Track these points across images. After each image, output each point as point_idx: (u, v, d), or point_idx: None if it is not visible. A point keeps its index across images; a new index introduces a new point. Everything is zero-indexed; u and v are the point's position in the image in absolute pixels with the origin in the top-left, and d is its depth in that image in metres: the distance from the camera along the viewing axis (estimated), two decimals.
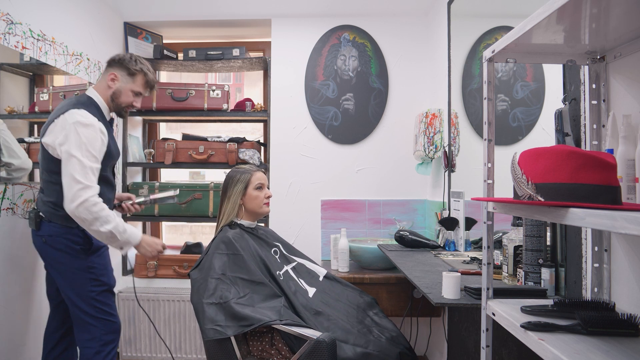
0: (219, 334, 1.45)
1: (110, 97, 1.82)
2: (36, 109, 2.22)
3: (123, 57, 1.83)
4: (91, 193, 1.62)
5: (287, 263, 1.84)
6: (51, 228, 1.73)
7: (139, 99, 1.89)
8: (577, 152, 0.87)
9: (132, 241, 1.74)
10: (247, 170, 1.85)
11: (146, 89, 1.89)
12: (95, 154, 1.67)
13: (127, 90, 1.83)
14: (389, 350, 1.57)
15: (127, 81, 1.83)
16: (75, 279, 1.74)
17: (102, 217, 1.63)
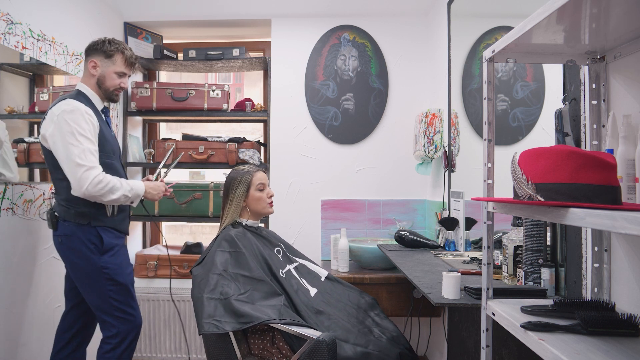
0: (216, 329, 1.45)
1: (97, 85, 1.84)
2: (36, 109, 2.22)
3: (96, 42, 1.84)
4: (95, 173, 1.66)
5: (289, 262, 1.84)
6: (66, 227, 1.77)
7: (125, 79, 1.89)
8: (577, 152, 0.87)
9: (140, 193, 1.83)
10: (248, 171, 1.84)
11: (128, 66, 1.88)
12: (88, 136, 1.70)
13: (110, 73, 1.84)
14: (389, 350, 1.57)
15: (107, 64, 1.83)
16: (91, 279, 1.78)
17: (110, 188, 1.69)
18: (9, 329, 1.86)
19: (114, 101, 1.92)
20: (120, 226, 1.89)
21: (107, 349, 1.81)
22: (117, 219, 1.87)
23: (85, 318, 1.94)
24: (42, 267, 2.06)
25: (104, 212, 1.81)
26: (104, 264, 1.78)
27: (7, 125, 2.01)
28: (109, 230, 1.83)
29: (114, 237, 1.84)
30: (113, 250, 1.82)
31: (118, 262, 1.83)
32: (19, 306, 1.92)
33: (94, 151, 1.71)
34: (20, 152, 2.06)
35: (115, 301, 1.81)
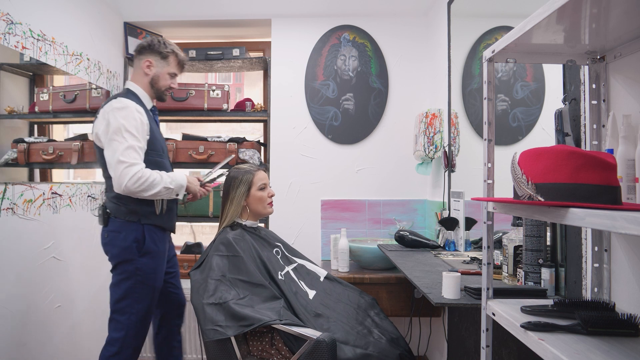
0: (219, 334, 1.45)
1: (150, 84, 1.88)
2: (36, 109, 2.22)
3: (152, 42, 1.88)
4: (135, 170, 1.68)
5: (288, 264, 1.83)
6: (115, 224, 1.81)
7: (175, 80, 1.95)
8: (577, 152, 0.87)
9: (182, 183, 1.83)
10: (249, 171, 1.83)
11: (179, 68, 1.94)
12: (135, 133, 1.72)
13: (164, 74, 1.89)
14: (389, 352, 1.57)
15: (162, 65, 1.88)
16: (124, 275, 1.82)
17: (150, 183, 1.71)
18: (9, 329, 1.86)
19: (163, 100, 1.96)
20: (167, 224, 1.91)
21: (112, 352, 1.79)
22: (165, 217, 1.88)
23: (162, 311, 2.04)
24: (42, 267, 2.06)
25: (153, 211, 1.83)
26: (140, 265, 1.80)
27: (7, 125, 2.01)
28: (156, 229, 1.85)
29: (158, 238, 1.86)
30: (152, 253, 1.84)
31: (153, 266, 1.84)
32: (19, 306, 1.91)
33: (138, 148, 1.72)
34: (20, 152, 2.06)
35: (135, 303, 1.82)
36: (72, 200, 2.30)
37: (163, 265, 1.91)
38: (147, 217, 1.82)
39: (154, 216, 1.84)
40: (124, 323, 1.81)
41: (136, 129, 1.73)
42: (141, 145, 1.74)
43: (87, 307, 2.44)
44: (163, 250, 1.89)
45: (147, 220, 1.82)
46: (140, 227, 1.81)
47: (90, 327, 2.48)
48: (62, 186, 2.22)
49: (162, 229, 1.89)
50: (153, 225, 1.84)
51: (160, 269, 1.88)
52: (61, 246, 2.20)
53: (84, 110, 2.49)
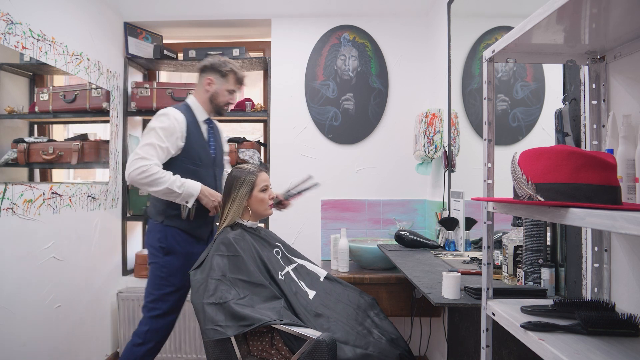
0: (219, 334, 1.45)
1: (209, 100, 2.03)
2: (36, 109, 2.22)
3: (213, 62, 2.03)
4: (143, 163, 1.79)
5: (288, 264, 1.83)
6: (149, 224, 1.98)
7: (234, 96, 2.08)
8: (577, 152, 0.87)
9: (193, 192, 1.87)
10: (252, 171, 1.83)
11: (238, 85, 2.07)
12: (161, 134, 1.84)
13: (223, 91, 2.03)
14: (389, 352, 1.57)
15: (222, 82, 2.02)
16: (152, 272, 1.94)
17: (154, 179, 1.79)
18: (9, 329, 1.86)
19: (221, 114, 2.09)
20: (195, 232, 1.98)
21: (136, 343, 1.91)
22: (194, 224, 1.95)
23: None
24: (42, 267, 2.06)
25: (178, 214, 1.92)
26: (164, 264, 1.92)
27: (7, 125, 2.01)
28: (180, 232, 1.94)
29: (182, 240, 1.94)
30: (176, 254, 1.93)
31: (178, 265, 1.93)
32: (19, 306, 1.91)
33: (158, 147, 1.83)
34: (20, 152, 2.06)
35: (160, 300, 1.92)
36: (72, 200, 2.30)
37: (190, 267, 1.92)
38: (170, 220, 1.93)
39: (177, 220, 1.92)
40: (148, 318, 1.92)
41: (165, 131, 1.85)
42: (164, 146, 1.85)
43: (87, 307, 2.44)
44: (191, 252, 1.95)
45: (171, 223, 1.93)
46: (163, 228, 1.93)
47: (90, 327, 2.48)
48: (62, 186, 2.22)
49: (189, 235, 1.96)
50: (177, 229, 1.93)
51: (185, 270, 1.91)
52: (61, 246, 2.20)
53: (84, 110, 2.50)
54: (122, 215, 2.81)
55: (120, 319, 2.69)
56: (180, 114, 1.92)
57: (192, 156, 1.95)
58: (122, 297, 2.68)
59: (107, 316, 2.68)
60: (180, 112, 1.93)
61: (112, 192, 2.70)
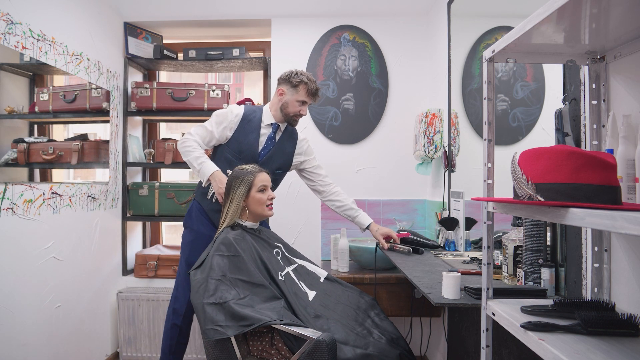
0: (219, 334, 1.45)
1: (280, 109, 2.11)
2: (36, 109, 2.22)
3: (287, 73, 2.11)
4: (187, 137, 2.03)
5: (288, 264, 1.83)
6: None
7: (305, 107, 2.12)
8: (577, 152, 0.87)
9: (206, 173, 1.98)
10: (251, 172, 1.83)
11: (309, 96, 2.11)
12: (214, 121, 2.04)
13: (293, 101, 2.09)
14: (389, 352, 1.57)
15: (292, 93, 2.09)
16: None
17: (185, 151, 2.01)
18: (9, 329, 1.86)
19: (292, 125, 2.16)
20: (212, 215, 2.08)
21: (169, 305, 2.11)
22: (213, 206, 2.07)
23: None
24: (42, 267, 2.06)
25: (206, 193, 2.07)
26: (184, 235, 2.12)
27: (7, 125, 2.01)
28: (202, 211, 2.08)
29: (197, 220, 2.07)
30: (190, 229, 2.09)
31: (189, 239, 2.08)
32: (19, 306, 1.91)
33: (205, 129, 2.03)
34: (20, 152, 2.06)
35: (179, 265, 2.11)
36: (72, 200, 2.30)
37: (199, 246, 2.01)
38: (200, 196, 2.10)
39: (203, 198, 2.08)
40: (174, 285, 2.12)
41: (216, 118, 2.05)
42: (210, 129, 2.03)
43: (87, 307, 2.44)
44: (203, 232, 2.06)
45: (199, 198, 2.10)
46: (193, 202, 2.12)
47: (91, 327, 2.48)
48: (62, 186, 2.22)
49: (207, 218, 2.08)
50: (200, 205, 2.09)
51: (195, 247, 2.04)
52: (61, 246, 2.20)
53: (84, 110, 2.49)
54: (122, 215, 2.81)
55: (120, 319, 2.69)
56: (241, 109, 2.09)
57: (233, 148, 2.07)
58: (122, 297, 2.68)
59: (107, 316, 2.68)
60: (242, 108, 2.10)
61: (112, 192, 2.70)
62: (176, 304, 2.08)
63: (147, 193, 2.79)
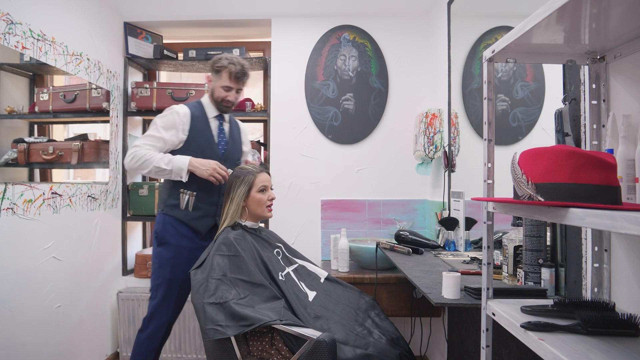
0: (219, 334, 1.45)
1: (210, 96, 2.08)
2: (36, 109, 2.22)
3: (213, 59, 2.06)
4: (134, 150, 1.90)
5: (289, 264, 1.83)
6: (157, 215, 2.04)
7: (232, 92, 2.05)
8: (577, 152, 0.87)
9: (182, 166, 1.90)
10: (251, 172, 1.83)
11: (233, 81, 2.03)
12: (160, 126, 1.94)
13: (218, 87, 2.04)
14: (389, 351, 1.57)
15: (216, 79, 2.05)
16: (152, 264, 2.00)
17: (144, 161, 1.88)
18: (9, 329, 1.86)
19: (223, 111, 2.09)
20: (193, 223, 1.99)
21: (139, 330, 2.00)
22: (192, 214, 1.98)
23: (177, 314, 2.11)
24: (42, 267, 2.06)
25: (177, 204, 1.98)
26: (157, 253, 1.97)
27: (7, 125, 2.01)
28: (178, 223, 1.97)
29: (177, 232, 1.96)
30: (167, 245, 1.96)
31: (169, 257, 1.95)
32: (19, 306, 1.91)
33: (153, 137, 1.92)
34: (20, 152, 2.06)
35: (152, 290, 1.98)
36: (72, 200, 2.30)
37: (180, 261, 1.96)
38: (169, 209, 1.98)
39: (176, 209, 1.97)
40: (148, 306, 1.99)
41: (164, 125, 1.94)
42: (158, 136, 1.92)
43: (87, 307, 2.44)
44: (183, 245, 1.97)
45: (169, 212, 1.98)
46: (162, 217, 1.99)
47: (91, 327, 2.48)
48: (62, 186, 2.22)
49: (188, 227, 1.98)
50: (174, 218, 1.97)
51: (177, 263, 1.95)
52: (61, 246, 2.20)
53: (84, 110, 2.49)
54: (122, 215, 2.81)
55: (120, 319, 2.69)
56: (186, 108, 2.00)
57: (194, 149, 1.99)
58: (122, 297, 2.68)
59: (107, 316, 2.68)
60: (186, 107, 2.00)
61: (112, 192, 2.70)
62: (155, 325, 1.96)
63: (147, 193, 2.79)
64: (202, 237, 2.04)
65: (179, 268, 1.96)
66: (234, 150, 2.15)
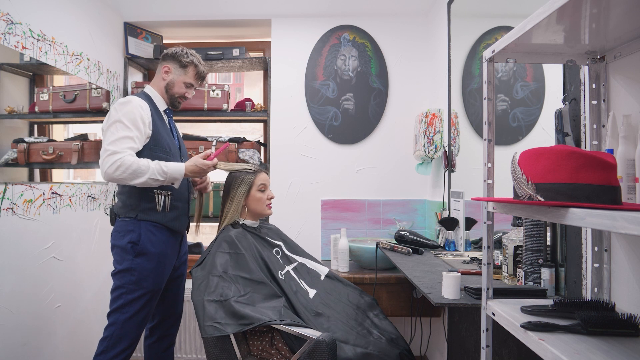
0: (217, 331, 1.45)
1: (165, 89, 1.90)
2: (36, 109, 2.22)
3: (175, 50, 1.90)
4: (116, 157, 1.64)
5: (288, 263, 1.84)
6: (118, 223, 1.80)
7: (191, 90, 1.94)
8: (577, 152, 0.87)
9: (178, 176, 1.74)
10: (251, 171, 1.84)
11: (197, 80, 1.94)
12: (129, 125, 1.70)
13: (180, 82, 1.90)
14: (389, 351, 1.57)
15: (180, 73, 1.90)
16: (118, 277, 1.77)
17: (133, 171, 1.64)
18: (9, 329, 1.86)
19: (175, 107, 1.96)
20: (173, 224, 1.84)
21: (99, 351, 1.75)
22: (170, 215, 1.83)
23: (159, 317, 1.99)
24: (42, 267, 2.06)
25: (154, 207, 1.78)
26: (134, 266, 1.74)
27: (7, 125, 2.01)
28: (157, 228, 1.79)
29: (157, 239, 1.79)
30: (148, 255, 1.76)
31: (149, 268, 1.76)
32: (19, 306, 1.91)
33: (129, 138, 1.69)
34: (20, 152, 2.06)
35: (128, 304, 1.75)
36: (72, 200, 2.30)
37: (163, 269, 1.82)
38: (145, 213, 1.77)
39: (153, 212, 1.78)
40: (112, 322, 1.75)
41: (132, 121, 1.71)
42: (132, 135, 1.70)
43: (87, 307, 2.44)
44: (164, 252, 1.81)
45: (145, 217, 1.77)
46: (137, 224, 1.76)
47: (90, 327, 2.48)
48: (62, 186, 2.22)
49: (167, 228, 1.83)
50: (153, 223, 1.78)
51: (158, 272, 1.79)
52: (61, 246, 2.20)
53: (84, 110, 2.49)
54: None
55: None
56: (138, 99, 1.78)
57: (162, 144, 1.82)
58: None
59: None
60: (140, 99, 1.79)
61: (112, 192, 2.70)
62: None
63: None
64: (179, 239, 1.92)
65: (161, 278, 1.82)
66: (184, 146, 2.03)
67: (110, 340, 1.74)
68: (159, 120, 1.85)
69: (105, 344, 1.74)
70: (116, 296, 1.77)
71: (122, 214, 1.79)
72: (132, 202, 1.78)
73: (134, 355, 2.69)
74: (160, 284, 1.83)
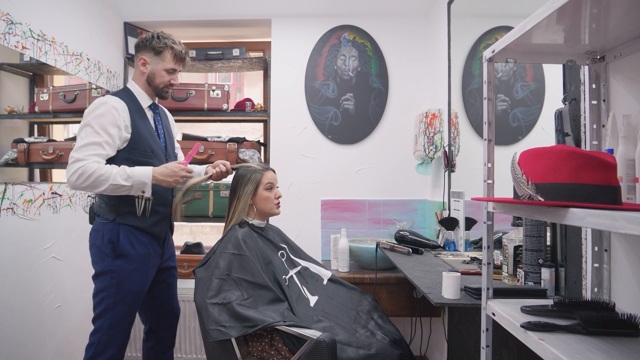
0: (222, 335, 1.45)
1: (147, 82, 1.79)
2: (36, 109, 2.22)
3: (145, 38, 1.77)
4: (78, 165, 1.57)
5: (292, 267, 1.82)
6: (97, 223, 1.73)
7: (175, 75, 1.82)
8: (577, 152, 0.87)
9: (146, 180, 1.64)
10: (258, 170, 1.81)
11: (178, 62, 1.81)
12: (99, 130, 1.61)
13: (160, 71, 1.78)
14: (391, 352, 1.57)
15: (157, 61, 1.77)
16: (99, 280, 1.71)
17: (96, 179, 1.57)
18: (9, 329, 1.86)
19: (163, 98, 1.84)
20: (152, 229, 1.77)
21: (85, 358, 1.70)
22: (150, 220, 1.75)
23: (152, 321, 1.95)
24: (42, 267, 2.06)
25: (133, 211, 1.71)
26: (115, 268, 1.68)
27: (7, 125, 2.01)
28: (136, 231, 1.72)
29: (137, 241, 1.73)
30: (128, 257, 1.70)
31: (130, 270, 1.70)
32: (19, 306, 1.91)
33: (97, 144, 1.61)
34: (20, 152, 2.06)
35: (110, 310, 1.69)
36: (72, 200, 2.30)
37: (146, 271, 1.76)
38: (123, 217, 1.70)
39: (132, 217, 1.71)
40: (97, 328, 1.70)
41: (101, 125, 1.62)
42: (100, 141, 1.61)
43: (87, 307, 2.44)
44: (145, 254, 1.75)
45: (123, 220, 1.70)
46: (116, 227, 1.70)
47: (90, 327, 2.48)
48: (62, 186, 2.22)
49: (147, 233, 1.76)
50: (131, 227, 1.72)
51: (140, 274, 1.74)
52: (61, 246, 2.20)
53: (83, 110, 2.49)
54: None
55: None
56: (120, 101, 1.68)
57: (142, 147, 1.72)
58: None
59: None
60: (118, 99, 1.69)
61: None
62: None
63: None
64: (160, 243, 1.85)
65: (145, 279, 1.76)
66: (171, 144, 1.93)
67: (97, 346, 1.68)
68: (140, 119, 1.75)
69: (93, 351, 1.68)
70: (98, 301, 1.70)
71: (101, 214, 1.73)
72: (111, 203, 1.71)
73: (134, 355, 2.69)
74: (144, 286, 1.77)
